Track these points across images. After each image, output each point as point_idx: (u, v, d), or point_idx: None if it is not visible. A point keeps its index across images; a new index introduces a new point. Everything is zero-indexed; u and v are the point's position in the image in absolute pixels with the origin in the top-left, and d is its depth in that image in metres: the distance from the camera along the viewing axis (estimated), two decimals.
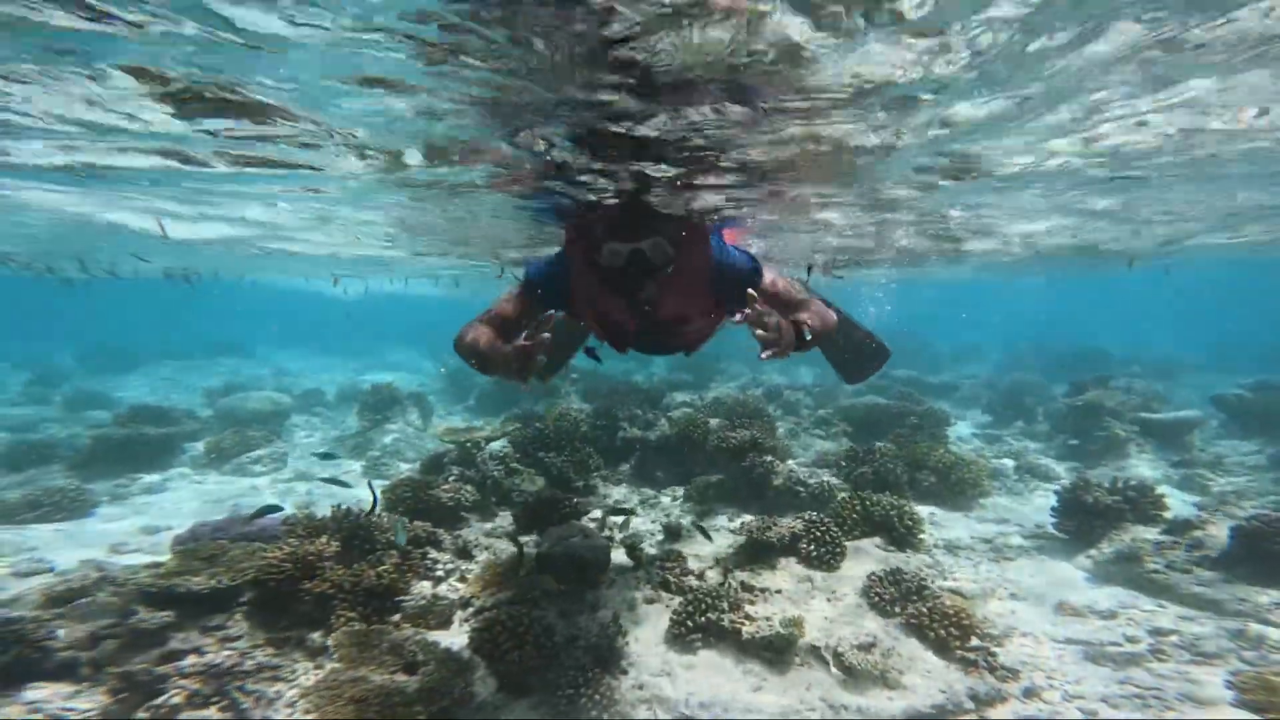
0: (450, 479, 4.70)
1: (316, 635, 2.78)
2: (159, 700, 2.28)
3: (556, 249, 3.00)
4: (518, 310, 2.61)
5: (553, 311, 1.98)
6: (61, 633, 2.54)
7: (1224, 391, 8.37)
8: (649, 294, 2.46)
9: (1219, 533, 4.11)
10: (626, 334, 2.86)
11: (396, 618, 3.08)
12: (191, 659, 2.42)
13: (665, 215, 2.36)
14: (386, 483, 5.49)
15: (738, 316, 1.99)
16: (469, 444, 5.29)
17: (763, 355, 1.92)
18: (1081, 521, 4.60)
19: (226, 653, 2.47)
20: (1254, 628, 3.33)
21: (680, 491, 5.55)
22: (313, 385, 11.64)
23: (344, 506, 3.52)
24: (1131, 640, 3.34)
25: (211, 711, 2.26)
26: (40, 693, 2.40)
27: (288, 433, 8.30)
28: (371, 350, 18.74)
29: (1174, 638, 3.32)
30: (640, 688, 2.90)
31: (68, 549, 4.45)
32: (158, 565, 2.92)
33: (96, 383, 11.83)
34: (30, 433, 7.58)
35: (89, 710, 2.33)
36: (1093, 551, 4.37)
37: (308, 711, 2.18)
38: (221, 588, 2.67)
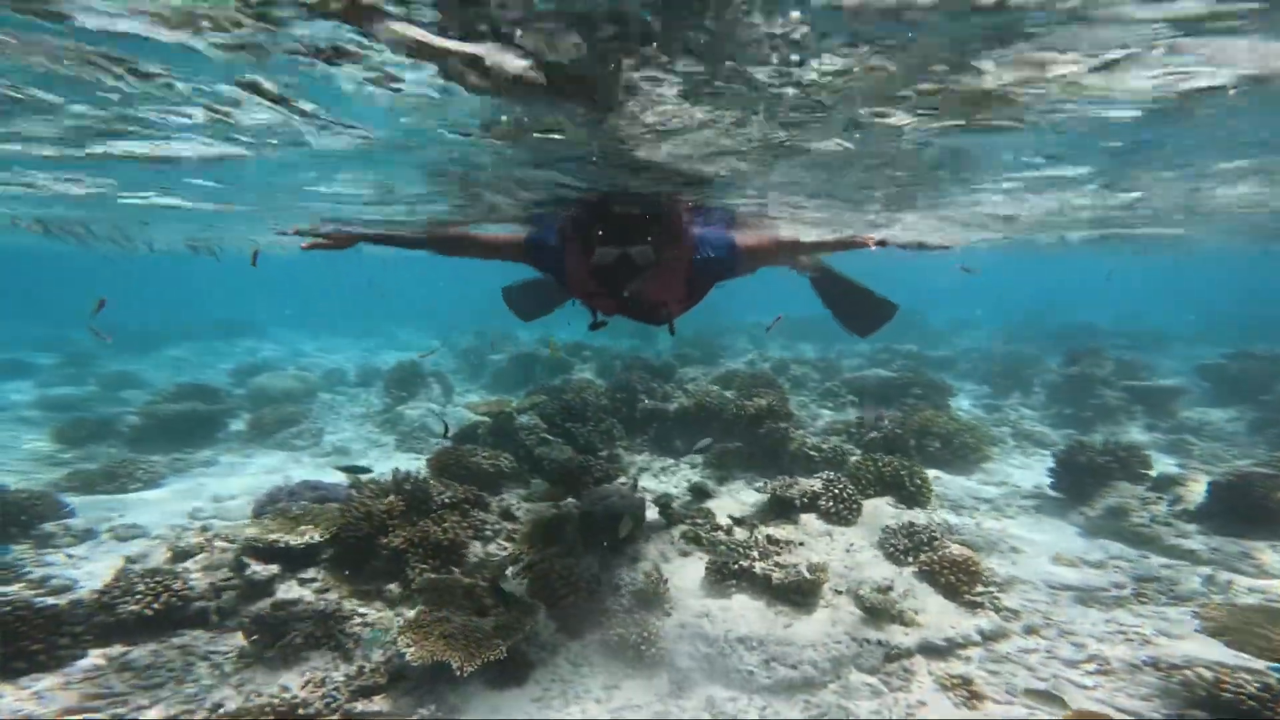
0: (487, 448, 4.94)
1: (393, 587, 3.07)
2: (285, 640, 2.58)
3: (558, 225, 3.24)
4: (502, 248, 3.01)
5: None
6: (193, 583, 2.81)
7: (1207, 361, 8.78)
8: (633, 288, 2.76)
9: (1198, 489, 4.49)
10: (609, 309, 3.18)
11: (458, 570, 3.37)
12: (301, 606, 2.70)
13: (654, 217, 2.61)
14: (420, 457, 5.73)
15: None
16: (502, 416, 5.52)
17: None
18: (1075, 480, 4.96)
19: (324, 601, 2.75)
20: (1222, 574, 3.73)
21: (699, 459, 5.85)
22: (332, 365, 11.80)
23: (401, 471, 3.77)
24: (1118, 586, 3.72)
25: (324, 651, 2.55)
26: (186, 639, 2.73)
27: (320, 410, 8.54)
28: (380, 330, 18.75)
29: (1154, 585, 3.71)
30: (683, 626, 3.24)
31: (153, 515, 4.76)
32: (257, 524, 3.18)
33: (121, 363, 11.91)
34: (81, 411, 7.85)
35: (228, 651, 2.63)
36: (1085, 509, 4.75)
37: (406, 645, 2.47)
38: (313, 544, 2.93)
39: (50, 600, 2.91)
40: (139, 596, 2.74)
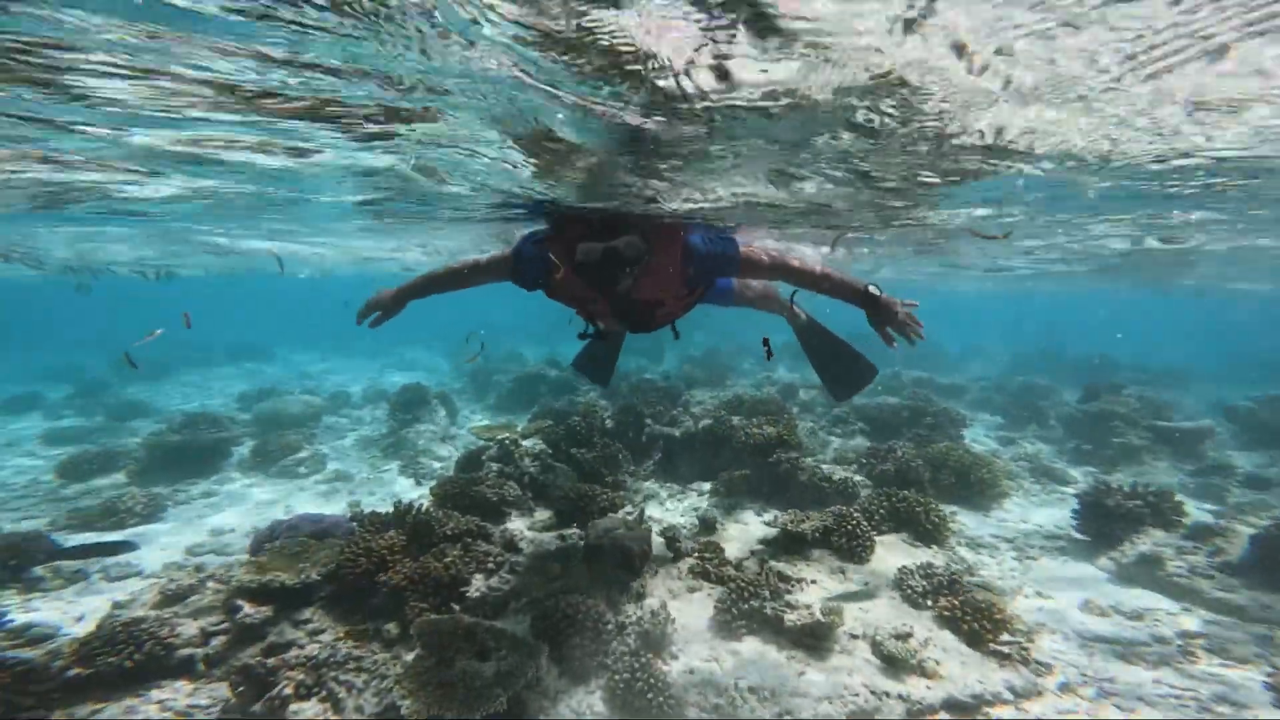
0: (491, 476, 4.84)
1: (390, 626, 2.93)
2: (274, 692, 2.44)
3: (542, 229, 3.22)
4: (493, 269, 2.98)
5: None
6: (180, 629, 2.68)
7: (1235, 403, 8.52)
8: (624, 285, 2.65)
9: (1239, 540, 4.25)
10: (604, 317, 3.09)
11: (458, 608, 3.23)
12: (294, 652, 2.56)
13: (640, 216, 2.59)
14: (423, 483, 5.61)
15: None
16: (507, 441, 5.43)
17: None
18: (1102, 524, 4.74)
19: (316, 645, 2.61)
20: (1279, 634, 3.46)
21: (706, 486, 5.69)
22: (337, 388, 11.80)
23: (404, 502, 3.66)
24: (1161, 640, 3.47)
25: (314, 702, 2.40)
26: (166, 691, 2.57)
27: (324, 434, 8.48)
28: (387, 350, 18.85)
29: (1202, 641, 3.44)
30: (691, 672, 3.05)
31: (150, 552, 4.64)
32: (253, 562, 3.06)
33: (131, 391, 11.95)
34: (86, 443, 7.82)
35: (210, 706, 2.48)
36: (1114, 553, 4.51)
37: (404, 697, 2.32)
38: (309, 582, 2.81)
39: (25, 653, 2.75)
40: (119, 648, 2.57)
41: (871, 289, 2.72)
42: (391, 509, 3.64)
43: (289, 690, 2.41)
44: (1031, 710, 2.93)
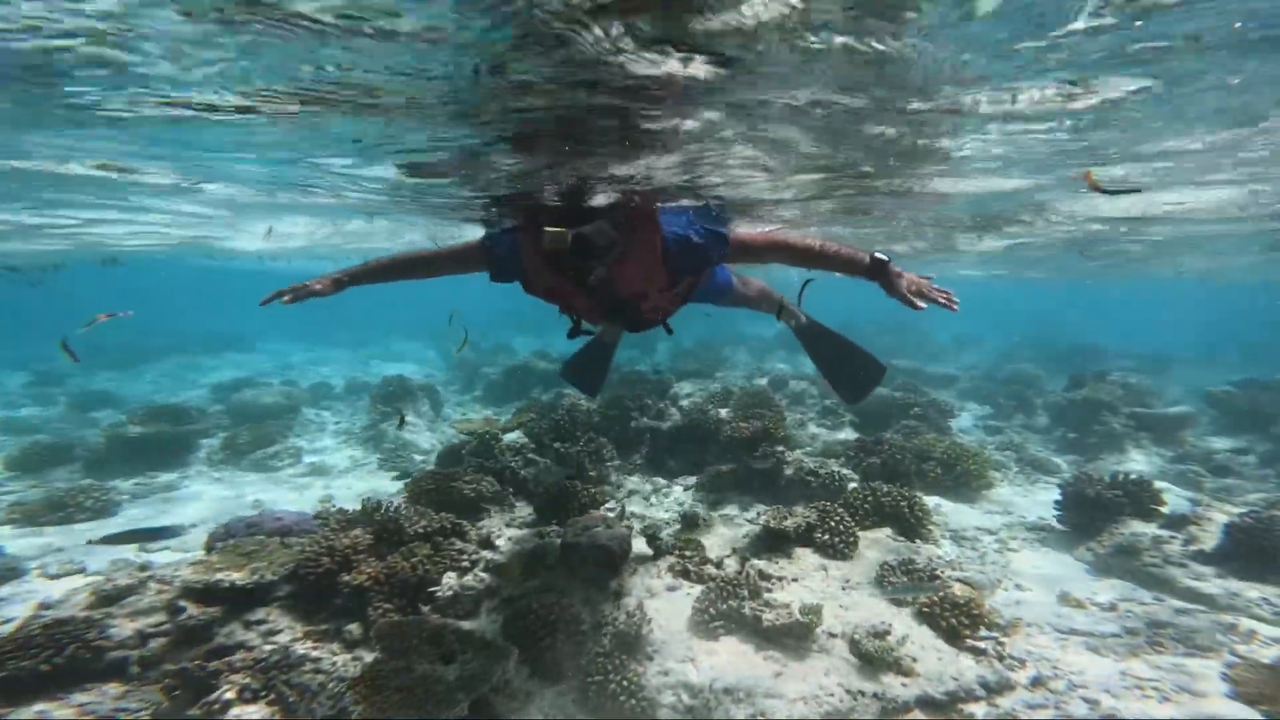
0: (470, 471, 4.75)
1: (353, 627, 2.86)
2: (212, 696, 2.34)
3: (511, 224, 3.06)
4: (463, 258, 2.83)
5: None
6: (113, 631, 2.57)
7: (1214, 388, 8.59)
8: (598, 275, 2.53)
9: (1213, 528, 4.28)
10: (586, 311, 2.95)
11: (427, 608, 3.17)
12: (240, 654, 2.48)
13: (608, 204, 2.45)
14: (400, 476, 5.52)
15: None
16: (487, 435, 5.34)
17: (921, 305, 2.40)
18: (1083, 514, 4.76)
19: (269, 646, 2.53)
20: (1245, 623, 3.50)
21: (692, 480, 5.66)
22: (319, 378, 11.59)
23: (372, 500, 3.58)
24: (1131, 632, 3.50)
25: (260, 706, 2.33)
26: (90, 694, 2.43)
27: (300, 427, 8.31)
28: (374, 340, 18.59)
29: (1170, 630, 3.48)
30: (665, 674, 3.02)
31: (97, 549, 4.47)
32: (201, 562, 2.96)
33: (98, 381, 11.61)
34: (40, 434, 7.53)
35: (140, 710, 2.36)
36: (1093, 544, 4.54)
37: (356, 702, 2.26)
38: (264, 582, 2.73)
39: None
40: (36, 650, 2.41)
41: (879, 254, 2.50)
42: (359, 506, 3.55)
43: (231, 694, 2.32)
44: (1002, 705, 2.93)
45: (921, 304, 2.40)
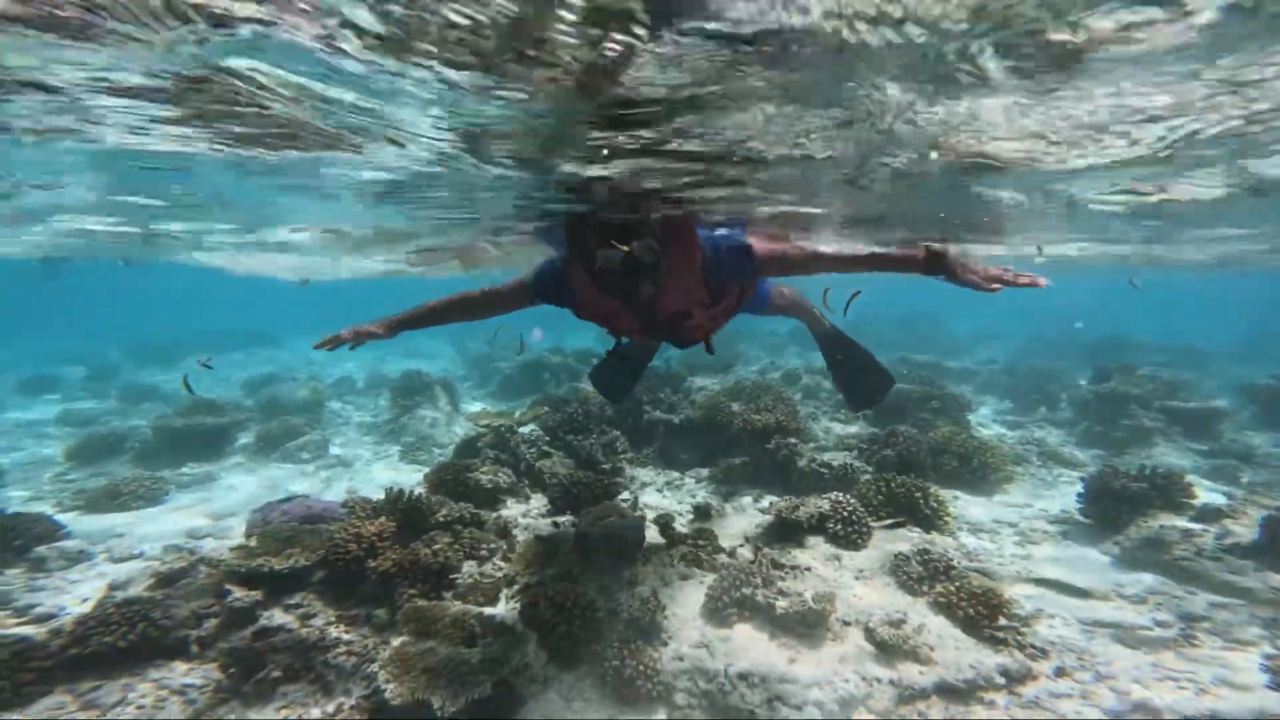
0: (486, 462, 4.85)
1: (381, 612, 2.97)
2: (261, 675, 2.50)
3: (559, 254, 3.12)
4: (511, 296, 2.93)
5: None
6: (174, 611, 2.75)
7: (1254, 381, 8.25)
8: (646, 293, 2.58)
9: (1249, 522, 4.13)
10: (633, 332, 3.02)
11: (449, 594, 3.26)
12: (282, 636, 2.61)
13: (645, 217, 2.50)
14: (421, 468, 5.64)
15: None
16: (503, 428, 5.44)
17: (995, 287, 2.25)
18: (1108, 507, 4.63)
19: (307, 629, 2.65)
20: None
21: (705, 473, 5.67)
22: (342, 373, 11.92)
23: (396, 489, 3.69)
24: (1163, 625, 3.40)
25: (302, 684, 2.45)
26: (162, 670, 2.65)
27: (327, 420, 8.58)
28: (395, 340, 18.97)
29: (1206, 624, 3.37)
30: (680, 659, 3.06)
31: (151, 535, 4.73)
32: (242, 547, 3.11)
33: (144, 375, 12.32)
34: (96, 426, 8.06)
35: (204, 685, 2.57)
36: (1119, 537, 4.42)
37: (386, 681, 2.35)
38: (299, 568, 2.85)
39: (28, 630, 2.85)
40: (114, 627, 2.65)
41: (934, 246, 2.42)
42: (383, 495, 3.67)
43: (277, 673, 2.45)
44: (1025, 694, 2.89)
45: (996, 286, 2.24)
